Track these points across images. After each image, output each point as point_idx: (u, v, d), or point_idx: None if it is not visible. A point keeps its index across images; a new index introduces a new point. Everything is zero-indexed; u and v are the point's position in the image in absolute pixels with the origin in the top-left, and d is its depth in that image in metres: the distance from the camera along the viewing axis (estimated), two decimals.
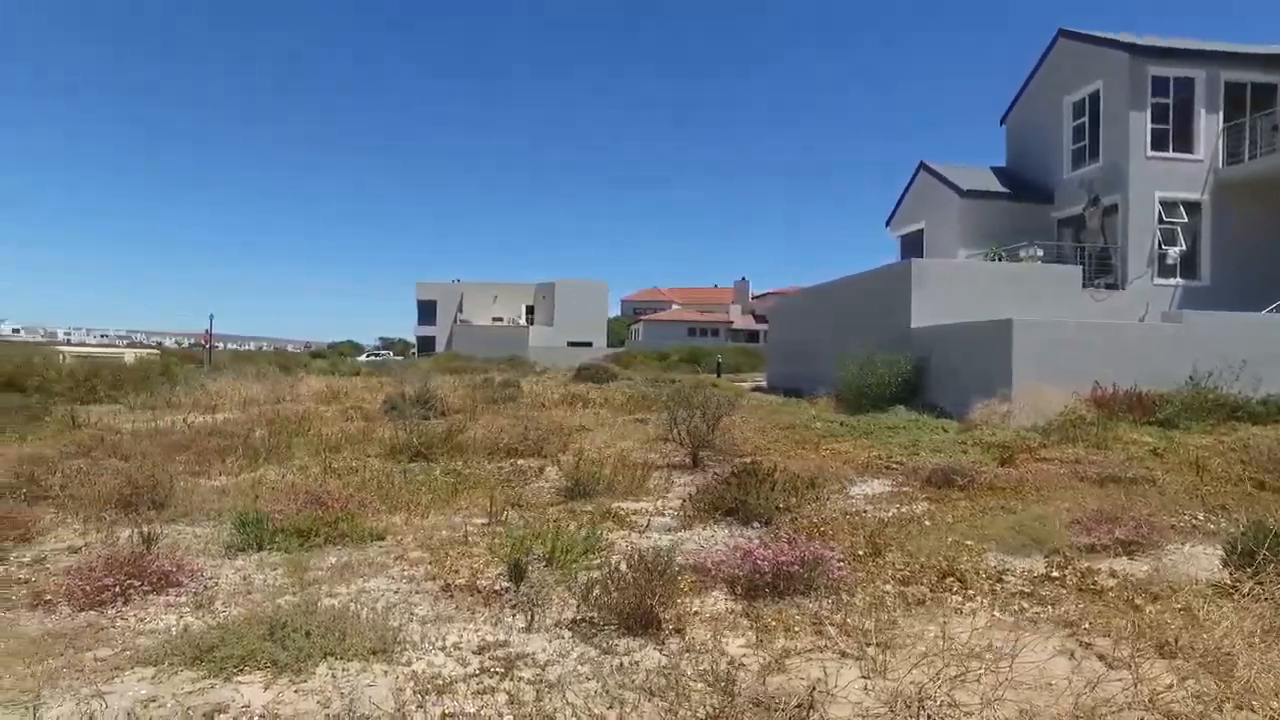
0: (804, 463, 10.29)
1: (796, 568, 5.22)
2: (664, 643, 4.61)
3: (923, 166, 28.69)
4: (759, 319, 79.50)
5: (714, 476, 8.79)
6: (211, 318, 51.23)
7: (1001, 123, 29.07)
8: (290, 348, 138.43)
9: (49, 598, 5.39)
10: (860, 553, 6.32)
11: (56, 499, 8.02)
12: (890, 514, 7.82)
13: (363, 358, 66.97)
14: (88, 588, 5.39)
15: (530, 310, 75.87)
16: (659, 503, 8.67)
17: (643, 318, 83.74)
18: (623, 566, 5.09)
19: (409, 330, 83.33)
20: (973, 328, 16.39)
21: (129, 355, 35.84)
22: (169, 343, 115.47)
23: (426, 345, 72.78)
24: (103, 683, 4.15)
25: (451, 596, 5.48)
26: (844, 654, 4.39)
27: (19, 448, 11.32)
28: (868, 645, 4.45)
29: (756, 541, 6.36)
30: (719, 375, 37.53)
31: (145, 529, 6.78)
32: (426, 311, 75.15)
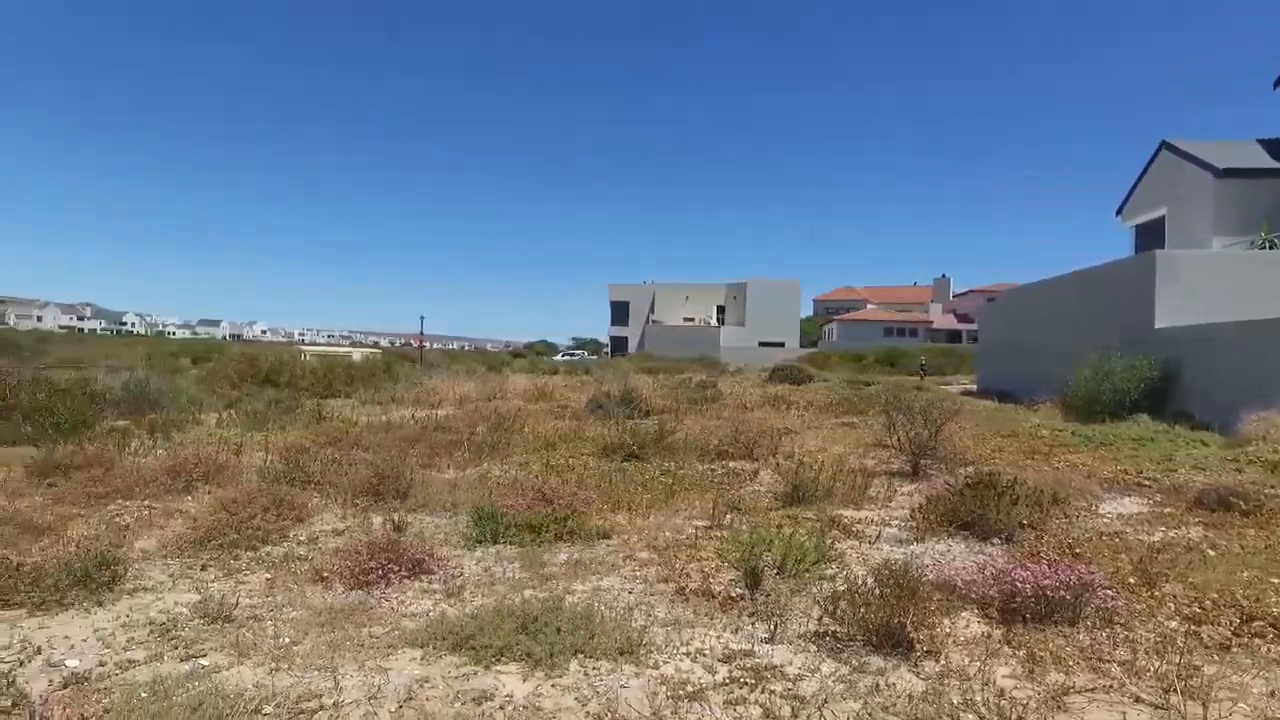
0: (1038, 475, 9.44)
1: (1061, 592, 4.72)
2: (918, 665, 4.32)
3: (1164, 146, 25.45)
4: (961, 318, 74.98)
5: (943, 486, 8.25)
6: (422, 319, 55.64)
7: (1276, 85, 24.30)
8: (490, 347, 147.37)
9: (326, 575, 5.93)
10: (1130, 581, 5.66)
11: (318, 485, 8.85)
12: (1156, 538, 6.96)
13: (558, 357, 69.95)
14: (355, 569, 5.87)
15: (721, 310, 76.00)
16: (883, 512, 8.27)
17: (836, 317, 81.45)
18: (869, 580, 4.84)
19: (601, 331, 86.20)
20: (1250, 327, 14.13)
21: (356, 354, 39.53)
22: (384, 342, 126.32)
23: (619, 345, 74.89)
24: (381, 659, 4.48)
25: (687, 600, 5.45)
26: (1138, 699, 3.90)
27: (283, 438, 12.67)
28: (1168, 691, 3.92)
29: (1001, 559, 5.87)
30: (923, 377, 35.73)
31: (395, 517, 7.33)
32: (619, 312, 77.30)
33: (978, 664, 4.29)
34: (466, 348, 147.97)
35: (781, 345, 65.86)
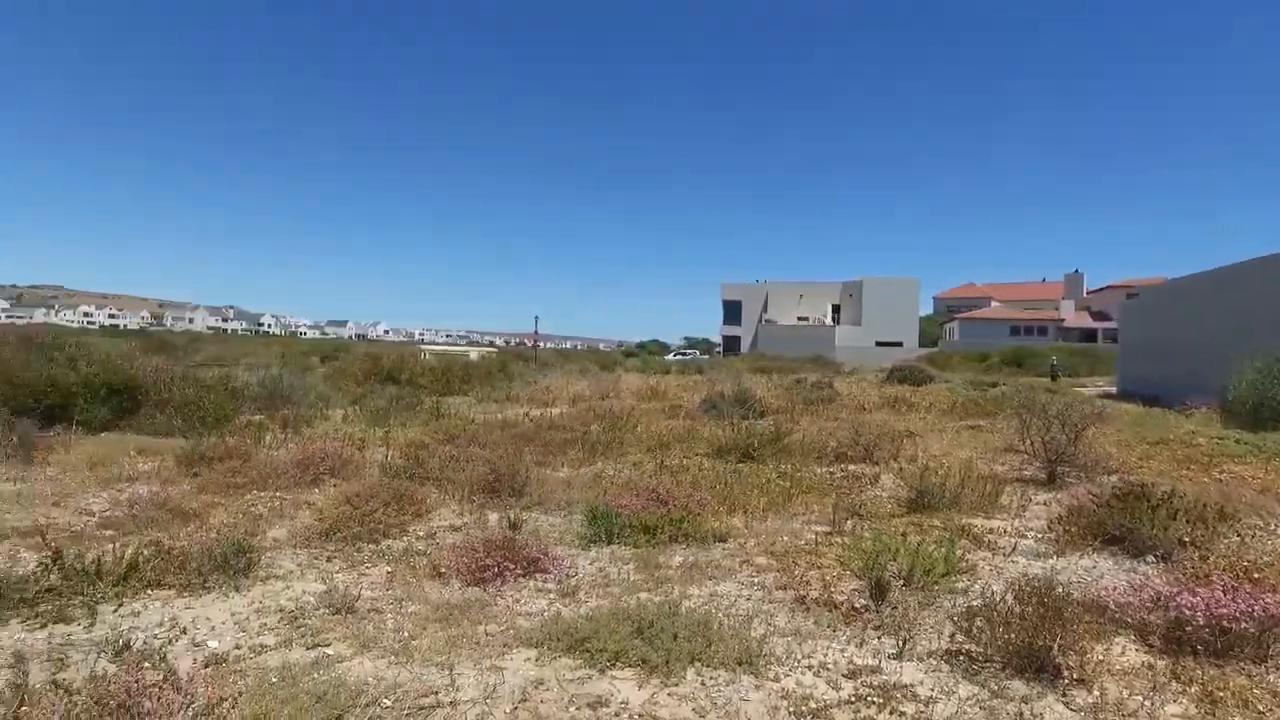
0: (1197, 487, 8.62)
1: (1243, 624, 4.20)
2: (1068, 694, 3.93)
3: None
4: (1096, 316, 70.41)
5: (1085, 496, 7.62)
6: (536, 319, 56.87)
7: None
8: (602, 346, 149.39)
9: (444, 570, 5.99)
10: None
11: (436, 480, 9.03)
12: None
13: (670, 356, 70.05)
14: (472, 565, 5.91)
15: (836, 309, 74.23)
16: (1017, 522, 7.73)
17: (958, 316, 77.92)
18: (1007, 597, 4.46)
19: (713, 330, 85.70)
20: None
21: (473, 353, 40.69)
22: (499, 341, 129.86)
23: (731, 345, 74.31)
24: (496, 657, 4.45)
25: (808, 609, 5.20)
26: None
27: (403, 434, 13.09)
28: None
29: (1160, 580, 5.32)
30: (1054, 379, 33.63)
31: (510, 515, 7.37)
32: (732, 311, 76.68)
33: (1141, 699, 3.87)
34: (579, 347, 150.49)
35: (899, 345, 63.69)
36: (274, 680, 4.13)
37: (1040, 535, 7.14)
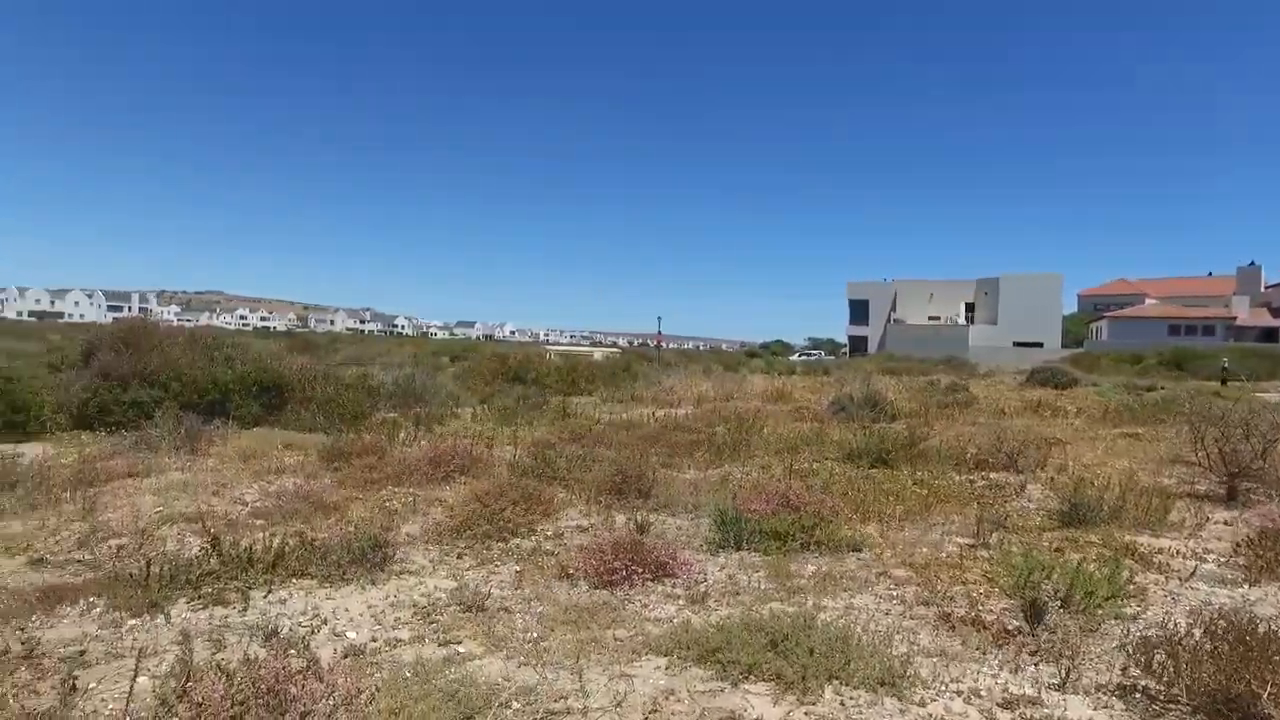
0: None
1: None
2: None
3: None
4: (1277, 313, 64.01)
5: (1278, 515, 6.80)
6: (660, 319, 56.85)
7: None
8: (724, 347, 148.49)
9: (572, 571, 5.96)
10: None
11: (563, 480, 9.07)
12: None
13: (794, 357, 68.75)
14: (600, 567, 5.84)
15: (970, 308, 70.72)
16: (1191, 542, 6.99)
17: (1107, 314, 72.49)
18: (1194, 630, 3.97)
19: (837, 330, 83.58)
20: None
21: (597, 353, 41.16)
22: (621, 341, 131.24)
23: (858, 345, 72.19)
24: (625, 664, 4.35)
25: (953, 628, 4.83)
26: None
27: (530, 433, 13.30)
28: None
29: None
30: (1224, 383, 30.70)
31: (638, 517, 7.28)
32: (858, 311, 74.49)
33: None
34: (701, 347, 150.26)
35: (1039, 346, 59.94)
36: (408, 675, 4.18)
37: (1224, 559, 6.42)
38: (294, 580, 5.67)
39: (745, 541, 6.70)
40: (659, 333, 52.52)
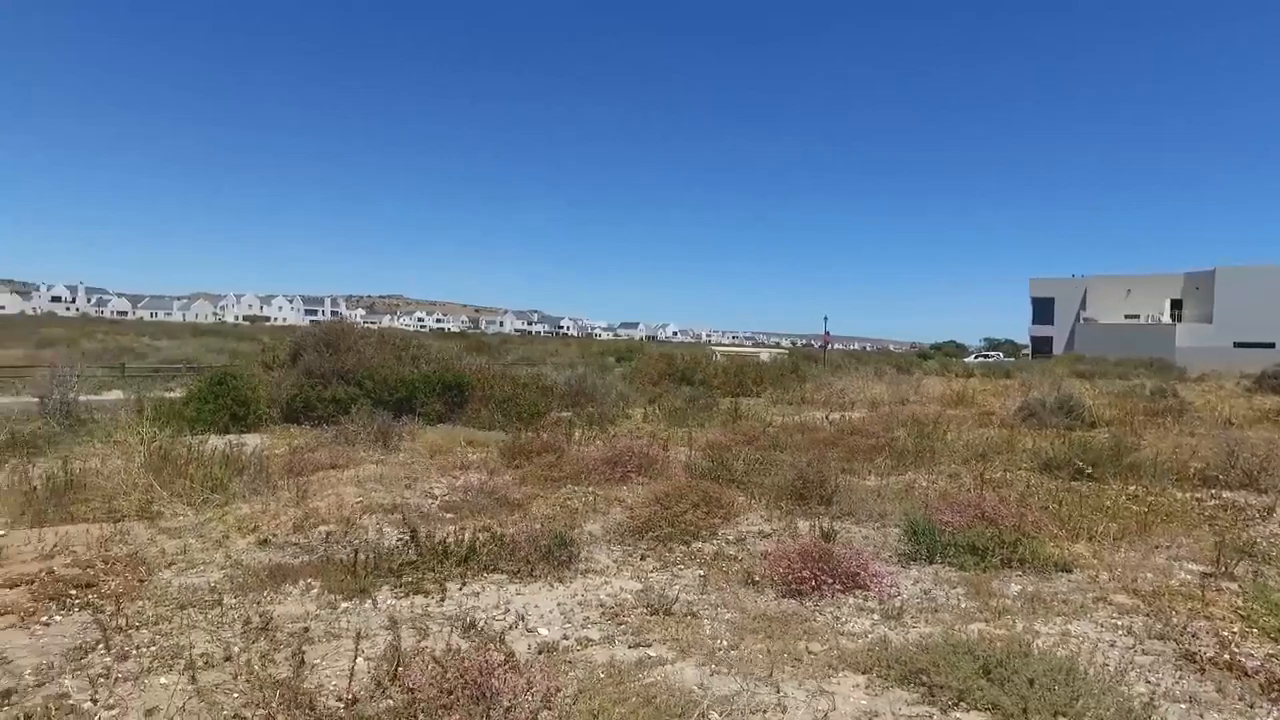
0: None
1: None
2: None
3: None
4: None
5: None
6: (826, 319, 55.29)
7: None
8: (892, 348, 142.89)
9: (758, 578, 5.82)
10: None
11: (740, 483, 8.92)
12: None
13: (969, 359, 64.95)
14: (787, 575, 5.66)
15: (1177, 305, 63.89)
16: None
17: None
18: None
19: (1017, 330, 77.99)
20: None
21: (763, 354, 40.68)
22: (784, 342, 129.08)
23: (1041, 346, 66.93)
24: (822, 678, 4.15)
25: (1202, 671, 4.27)
26: None
27: (702, 434, 13.24)
28: None
29: None
30: None
31: (823, 524, 7.02)
32: (1042, 310, 69.01)
33: None
34: (868, 348, 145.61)
35: (1270, 346, 53.16)
36: (602, 676, 4.19)
37: None
38: (485, 574, 5.87)
39: (939, 555, 6.30)
40: (826, 333, 51.04)
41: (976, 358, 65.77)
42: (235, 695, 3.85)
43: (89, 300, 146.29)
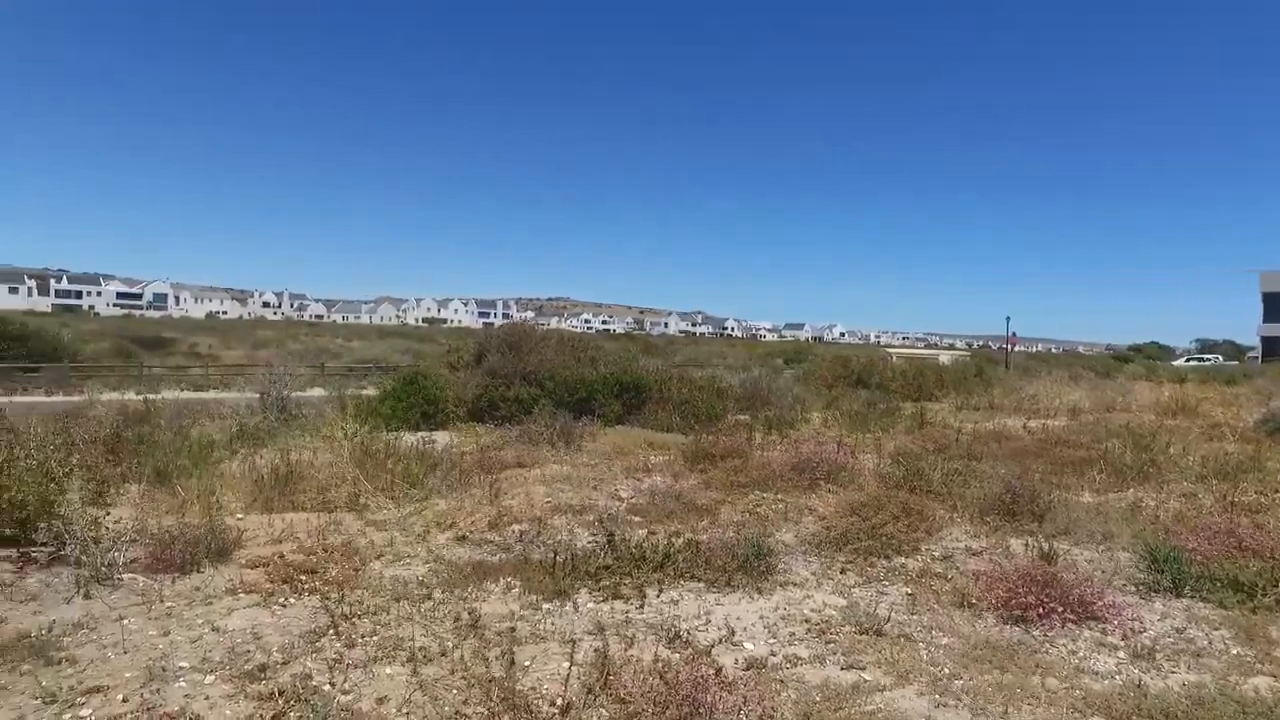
0: None
1: None
2: None
3: None
4: None
5: None
6: (1008, 320, 51.47)
7: None
8: (1081, 349, 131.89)
9: (973, 600, 5.35)
10: None
11: (938, 495, 8.34)
12: None
13: (1181, 361, 58.66)
14: (1007, 599, 5.17)
15: None
16: None
17: None
18: None
19: (1237, 330, 69.64)
20: None
21: (943, 356, 38.60)
22: (959, 344, 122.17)
23: (1274, 348, 59.36)
24: None
25: None
26: None
27: (889, 441, 12.59)
28: None
29: None
30: None
31: (1042, 544, 6.39)
32: (1275, 307, 61.29)
33: None
34: (1053, 350, 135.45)
35: None
36: (818, 699, 3.94)
37: None
38: (681, 581, 5.75)
39: (1189, 588, 5.55)
40: (1011, 334, 47.53)
41: (1189, 360, 59.28)
42: (454, 691, 3.92)
43: (292, 305, 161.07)
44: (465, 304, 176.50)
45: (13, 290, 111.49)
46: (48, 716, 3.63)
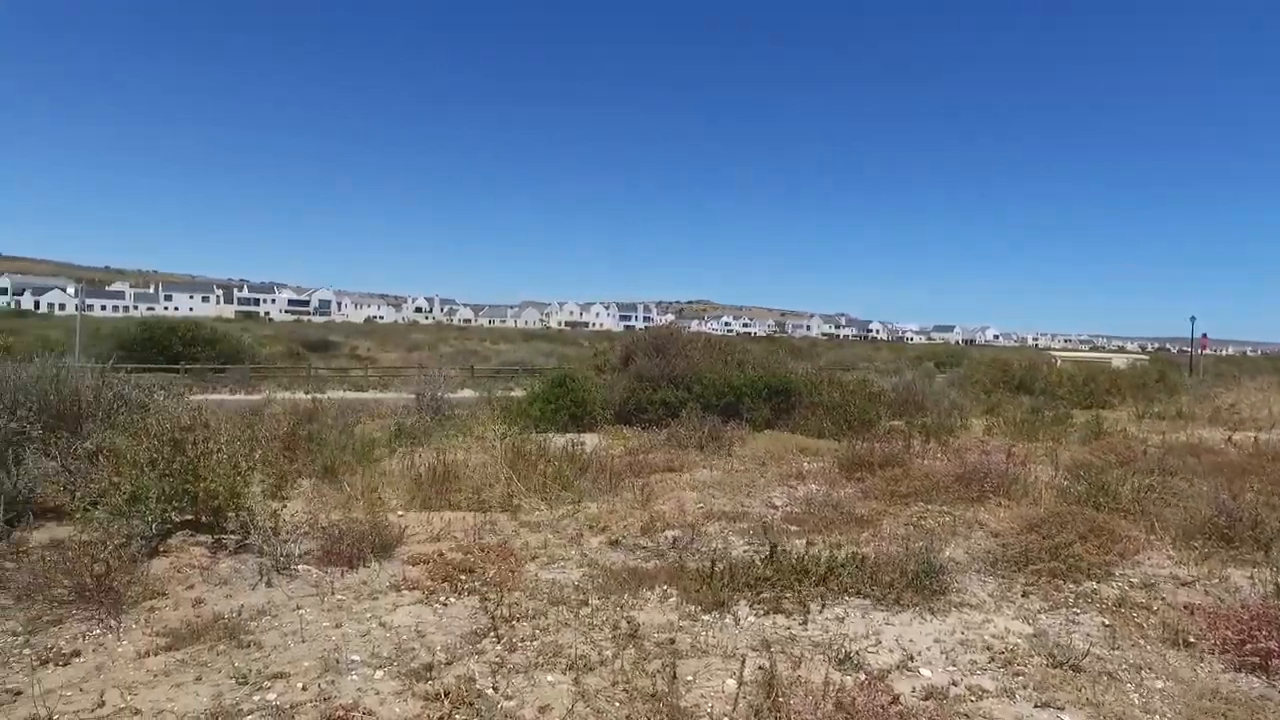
0: None
1: None
2: None
3: None
4: None
5: None
6: (1193, 320, 46.53)
7: None
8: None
9: (1190, 639, 4.69)
10: None
11: (1128, 513, 7.48)
12: None
13: None
14: (1239, 642, 4.50)
15: None
16: None
17: None
18: None
19: None
20: None
21: (1117, 360, 35.58)
22: (1130, 346, 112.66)
23: None
24: None
25: None
26: None
27: (1063, 451, 11.57)
28: None
29: None
30: None
31: (1271, 577, 5.56)
32: None
33: None
34: (1249, 352, 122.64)
35: None
36: None
37: None
38: (846, 598, 5.38)
39: None
40: (1203, 335, 42.88)
41: None
42: (617, 704, 3.77)
43: (442, 309, 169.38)
44: (607, 307, 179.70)
45: (205, 299, 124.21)
46: (241, 696, 3.80)
